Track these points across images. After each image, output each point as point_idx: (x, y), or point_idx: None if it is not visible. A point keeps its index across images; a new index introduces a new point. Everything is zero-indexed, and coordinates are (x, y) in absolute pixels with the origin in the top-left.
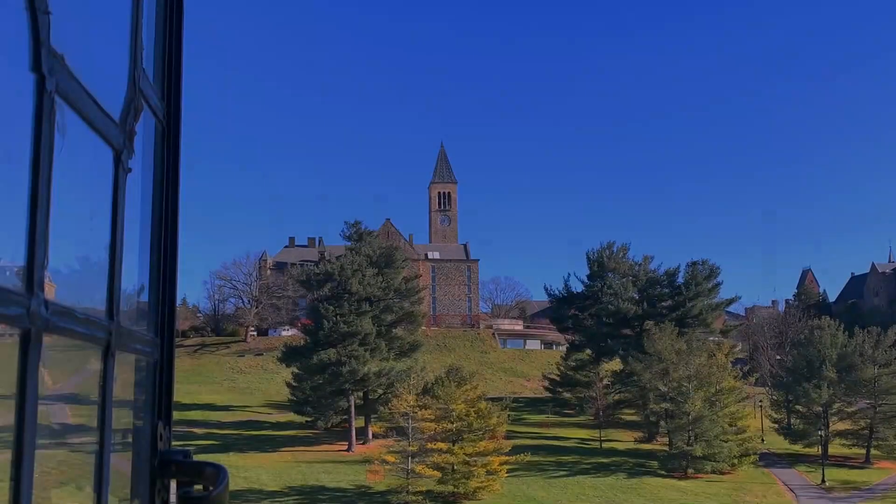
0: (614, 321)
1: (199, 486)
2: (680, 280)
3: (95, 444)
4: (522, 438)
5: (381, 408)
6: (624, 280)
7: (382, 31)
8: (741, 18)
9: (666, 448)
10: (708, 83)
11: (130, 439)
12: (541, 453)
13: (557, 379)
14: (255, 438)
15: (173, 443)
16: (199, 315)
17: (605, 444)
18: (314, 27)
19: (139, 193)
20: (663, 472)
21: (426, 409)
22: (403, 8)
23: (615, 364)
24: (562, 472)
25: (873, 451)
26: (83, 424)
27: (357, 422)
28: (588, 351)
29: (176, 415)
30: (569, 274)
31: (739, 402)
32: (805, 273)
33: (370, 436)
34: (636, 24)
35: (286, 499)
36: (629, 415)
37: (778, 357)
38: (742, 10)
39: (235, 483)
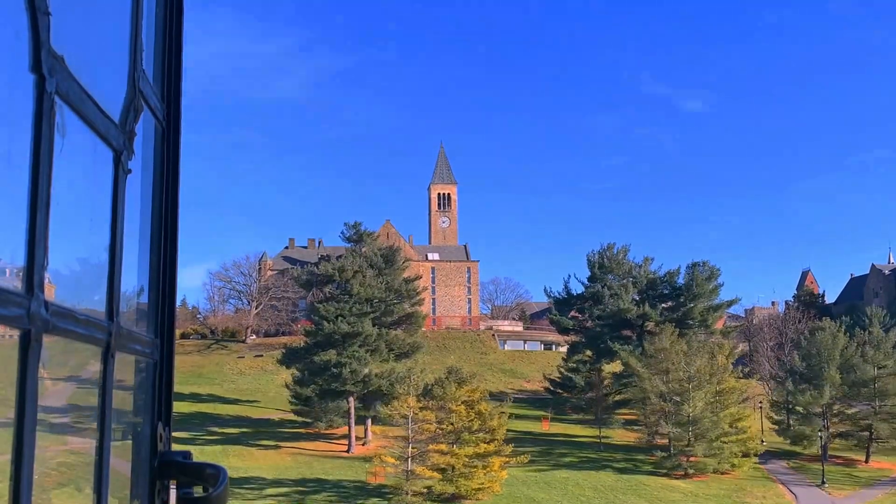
0: (614, 322)
1: (198, 487)
2: (680, 281)
3: (95, 444)
4: (522, 439)
5: (381, 409)
6: (624, 281)
7: (382, 32)
8: (731, 21)
9: (666, 449)
10: (706, 83)
11: (130, 440)
12: (540, 454)
13: (557, 380)
14: (254, 439)
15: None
16: (198, 316)
17: (605, 445)
18: (314, 27)
19: (139, 194)
20: (663, 473)
21: (426, 411)
22: (403, 7)
23: (615, 365)
24: (562, 474)
25: (873, 452)
26: (83, 425)
27: (356, 422)
28: (588, 352)
29: (175, 415)
30: (569, 275)
31: (740, 403)
32: (805, 274)
33: (370, 437)
34: (636, 25)
35: (284, 489)
36: (629, 416)
37: (778, 358)
38: (731, 13)
39: (234, 484)
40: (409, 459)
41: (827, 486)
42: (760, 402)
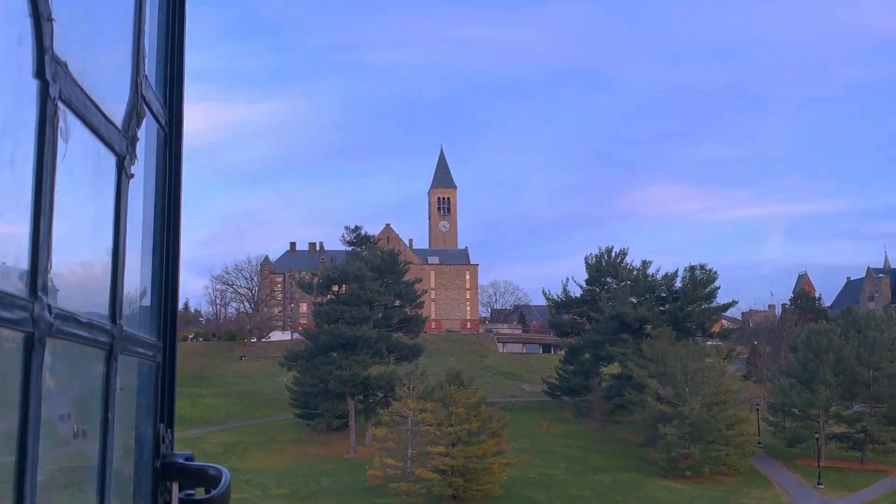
0: (613, 325)
1: (200, 489)
2: (678, 285)
3: (98, 447)
4: (521, 441)
5: (382, 411)
6: (623, 285)
7: (382, 34)
8: (735, 20)
9: (664, 451)
10: (705, 83)
11: (133, 442)
12: (540, 456)
13: (556, 383)
14: (255, 441)
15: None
16: (200, 319)
17: (603, 447)
18: (313, 31)
19: (142, 199)
20: (661, 474)
21: (426, 413)
22: (402, 10)
23: (614, 368)
24: (560, 475)
25: (868, 454)
26: (86, 428)
27: (357, 425)
28: (587, 355)
29: (177, 417)
30: (567, 279)
31: (737, 405)
32: (801, 277)
33: (370, 438)
34: (636, 24)
35: (284, 489)
36: (627, 418)
37: (775, 360)
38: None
39: (236, 485)
40: (410, 461)
41: (823, 487)
42: (757, 404)
